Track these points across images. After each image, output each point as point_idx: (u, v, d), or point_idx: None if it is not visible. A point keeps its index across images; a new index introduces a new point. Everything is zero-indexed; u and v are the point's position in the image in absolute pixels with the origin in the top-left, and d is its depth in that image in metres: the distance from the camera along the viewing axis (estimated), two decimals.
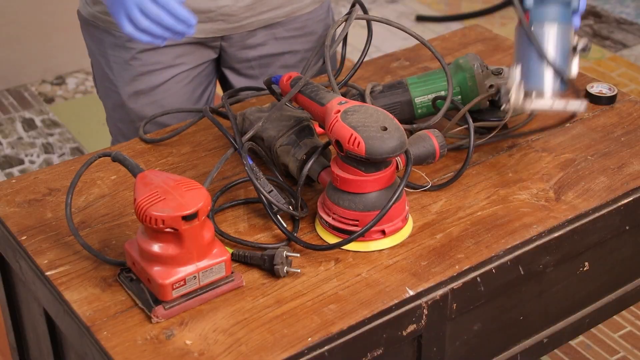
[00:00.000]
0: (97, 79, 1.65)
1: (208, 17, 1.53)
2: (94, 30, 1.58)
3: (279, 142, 1.30)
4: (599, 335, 2.21)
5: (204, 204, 1.06)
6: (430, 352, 1.19)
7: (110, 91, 1.61)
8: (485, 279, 1.19)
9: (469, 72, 1.39)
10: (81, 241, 1.18)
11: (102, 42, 1.58)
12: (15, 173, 2.87)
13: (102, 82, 1.63)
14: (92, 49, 1.63)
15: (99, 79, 1.64)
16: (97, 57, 1.61)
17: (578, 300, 1.38)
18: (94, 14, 1.56)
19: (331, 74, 1.31)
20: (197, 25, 1.51)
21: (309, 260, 1.18)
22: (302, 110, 1.34)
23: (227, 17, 1.54)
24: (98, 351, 1.06)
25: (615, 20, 3.79)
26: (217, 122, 1.34)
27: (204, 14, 1.52)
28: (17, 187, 1.33)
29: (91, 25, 1.59)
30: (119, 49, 1.56)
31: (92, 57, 1.64)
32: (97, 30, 1.58)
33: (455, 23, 3.76)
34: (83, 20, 1.61)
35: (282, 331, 1.07)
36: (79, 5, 1.61)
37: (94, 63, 1.64)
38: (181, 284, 1.08)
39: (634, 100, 1.53)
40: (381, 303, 1.11)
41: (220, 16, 1.53)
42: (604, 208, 1.29)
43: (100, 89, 1.65)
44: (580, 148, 1.41)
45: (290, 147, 1.29)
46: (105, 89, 1.62)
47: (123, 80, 1.58)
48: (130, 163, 1.14)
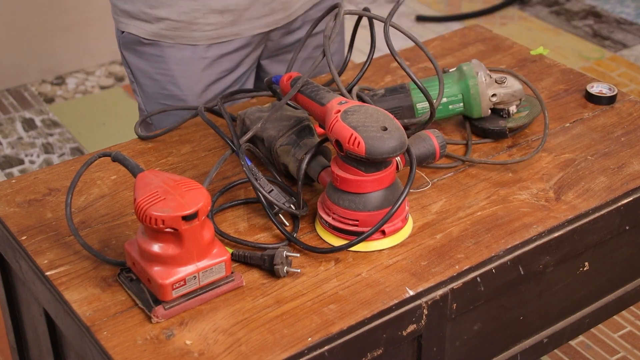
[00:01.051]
0: (151, 100, 1.59)
1: (271, 8, 1.54)
2: (152, 49, 1.54)
3: (279, 142, 1.30)
4: (599, 335, 2.21)
5: (204, 204, 1.06)
6: (430, 352, 1.19)
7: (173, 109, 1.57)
8: (485, 279, 1.19)
9: (472, 80, 1.39)
10: (81, 241, 1.18)
11: (164, 59, 1.54)
12: (15, 173, 2.87)
13: (159, 101, 1.58)
14: (145, 70, 1.57)
15: (153, 100, 1.58)
16: (155, 77, 1.56)
17: (578, 300, 1.38)
18: (156, 32, 1.52)
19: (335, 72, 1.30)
20: (261, 20, 1.54)
21: (308, 260, 1.18)
22: (302, 110, 1.34)
23: (285, 6, 1.56)
24: (98, 351, 1.06)
25: (615, 20, 3.79)
26: (212, 123, 1.34)
27: (267, 6, 1.53)
28: (17, 187, 1.33)
29: (147, 45, 1.54)
30: (189, 61, 1.54)
31: (144, 78, 1.58)
32: (156, 49, 1.54)
33: (455, 23, 3.76)
34: (133, 42, 1.55)
35: (282, 331, 1.07)
36: (126, 27, 1.54)
37: (145, 84, 1.58)
38: (181, 284, 1.08)
39: (634, 100, 1.53)
40: (381, 303, 1.11)
41: (280, 5, 1.55)
42: (604, 208, 1.29)
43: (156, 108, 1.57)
44: (580, 148, 1.41)
45: (290, 147, 1.29)
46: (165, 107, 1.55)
47: (194, 93, 1.56)
48: (130, 163, 1.14)
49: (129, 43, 1.56)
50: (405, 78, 1.59)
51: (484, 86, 1.39)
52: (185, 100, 1.56)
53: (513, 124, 1.41)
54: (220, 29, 1.52)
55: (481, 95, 1.39)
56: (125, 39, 1.56)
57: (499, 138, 1.42)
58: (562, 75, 1.60)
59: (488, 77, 1.39)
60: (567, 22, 3.77)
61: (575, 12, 3.86)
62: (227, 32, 1.53)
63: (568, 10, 3.87)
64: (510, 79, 1.40)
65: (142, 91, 1.60)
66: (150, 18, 1.51)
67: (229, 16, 1.51)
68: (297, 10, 1.60)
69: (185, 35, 1.52)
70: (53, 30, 3.32)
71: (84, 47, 3.38)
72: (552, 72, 1.62)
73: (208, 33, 1.52)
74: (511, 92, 1.40)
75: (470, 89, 1.39)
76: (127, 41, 1.56)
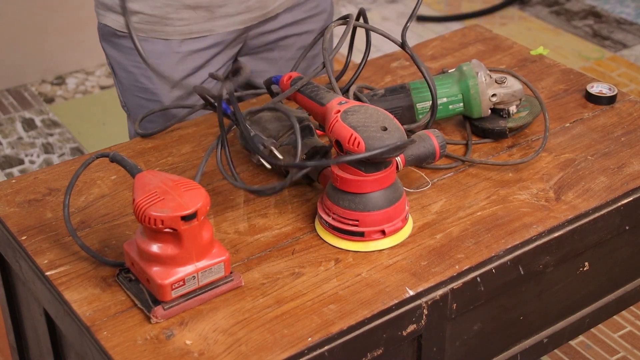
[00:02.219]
0: (126, 92, 1.62)
1: (247, 6, 1.54)
2: (126, 41, 1.56)
3: (279, 141, 1.30)
4: (599, 335, 2.21)
5: (202, 204, 1.06)
6: (430, 352, 1.19)
7: (147, 101, 1.60)
8: (485, 279, 1.19)
9: (472, 80, 1.39)
10: (79, 242, 1.18)
11: None
12: (15, 173, 2.87)
13: (134, 93, 1.61)
14: (121, 62, 1.60)
15: (128, 92, 1.62)
16: (129, 69, 1.59)
17: (578, 300, 1.38)
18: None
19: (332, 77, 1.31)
20: (236, 17, 1.55)
21: (308, 260, 1.18)
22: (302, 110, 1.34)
23: (261, 4, 1.56)
24: (98, 351, 1.06)
25: (615, 20, 3.79)
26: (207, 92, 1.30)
27: (243, 4, 1.53)
28: (17, 187, 1.33)
29: (122, 37, 1.57)
30: (161, 56, 1.55)
31: (120, 70, 1.61)
32: (130, 42, 1.54)
33: (455, 23, 3.76)
34: (110, 34, 1.58)
35: (282, 331, 1.07)
36: (104, 19, 1.58)
37: (122, 76, 1.61)
38: (180, 284, 1.08)
39: (634, 100, 1.53)
40: (381, 303, 1.11)
41: (257, 3, 1.55)
42: (604, 208, 1.29)
43: (131, 101, 1.63)
44: (580, 148, 1.41)
45: (290, 147, 1.29)
46: (140, 99, 1.61)
47: (166, 88, 1.57)
48: (128, 163, 1.14)
49: (106, 35, 1.59)
50: (405, 78, 1.59)
51: (484, 86, 1.39)
52: (156, 94, 1.58)
53: (513, 124, 1.41)
54: (193, 24, 1.54)
55: (481, 95, 1.39)
56: (102, 30, 1.60)
57: (499, 138, 1.42)
58: (562, 75, 1.60)
59: (488, 77, 1.39)
60: (567, 22, 3.77)
61: (575, 12, 3.86)
62: (200, 28, 1.54)
63: (568, 10, 3.87)
64: (510, 79, 1.40)
65: (119, 83, 1.63)
66: None
67: (202, 12, 1.53)
68: (275, 8, 1.60)
69: (158, 30, 1.53)
70: (53, 30, 3.32)
71: (84, 47, 3.38)
72: (552, 72, 1.62)
73: (181, 28, 1.53)
74: (511, 92, 1.39)
75: (470, 89, 1.39)
76: (105, 33, 1.59)
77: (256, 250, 1.20)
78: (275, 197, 1.30)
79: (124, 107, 1.65)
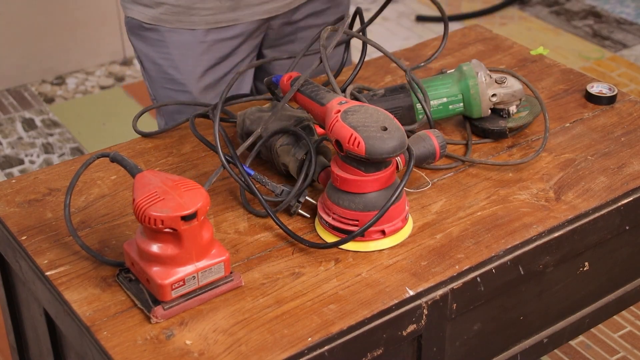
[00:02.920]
0: (155, 84, 1.64)
1: None
2: (153, 33, 1.58)
3: (280, 141, 1.30)
4: (599, 335, 2.21)
5: (202, 204, 1.06)
6: (430, 352, 1.19)
7: (175, 92, 1.61)
8: (485, 279, 1.19)
9: (472, 80, 1.39)
10: (80, 242, 1.18)
11: (165, 44, 1.58)
12: (15, 173, 2.87)
13: (163, 85, 1.62)
14: (149, 54, 1.62)
15: (157, 84, 1.63)
16: (157, 61, 1.61)
17: (578, 300, 1.38)
18: (156, 16, 1.56)
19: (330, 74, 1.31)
20: (260, 7, 1.56)
21: (308, 261, 1.18)
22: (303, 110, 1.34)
23: None
24: (98, 351, 1.06)
25: (615, 20, 3.79)
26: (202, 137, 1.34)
27: None
28: (17, 187, 1.33)
29: (149, 30, 1.58)
30: (188, 46, 1.57)
31: (148, 62, 1.63)
32: (157, 34, 1.58)
33: (455, 23, 3.76)
34: (137, 27, 1.60)
35: (282, 331, 1.07)
36: (130, 12, 1.59)
37: (150, 68, 1.63)
38: (180, 284, 1.08)
39: (634, 100, 1.53)
40: (381, 303, 1.11)
41: None
42: (604, 208, 1.29)
43: (160, 93, 1.64)
44: (580, 148, 1.40)
45: (290, 146, 1.29)
46: (168, 91, 1.62)
47: (193, 77, 1.59)
48: (128, 163, 1.14)
49: (133, 28, 1.61)
50: (405, 78, 1.59)
51: (484, 86, 1.39)
52: (184, 84, 1.59)
53: (513, 124, 1.41)
54: (218, 14, 1.55)
55: (481, 95, 1.39)
56: (130, 24, 1.61)
57: (499, 138, 1.42)
58: (562, 75, 1.60)
59: (488, 77, 1.39)
60: (567, 22, 3.77)
61: (575, 12, 3.86)
62: (226, 18, 1.56)
63: (568, 10, 3.87)
64: (510, 79, 1.40)
65: (148, 75, 1.64)
66: (151, 2, 1.55)
67: (227, 1, 1.54)
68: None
69: (183, 20, 1.55)
70: (53, 30, 3.32)
71: (84, 47, 3.38)
72: (552, 72, 1.62)
73: (206, 18, 1.55)
74: (511, 92, 1.39)
75: (470, 89, 1.39)
76: (132, 26, 1.61)
77: (256, 250, 1.20)
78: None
79: (154, 100, 1.67)
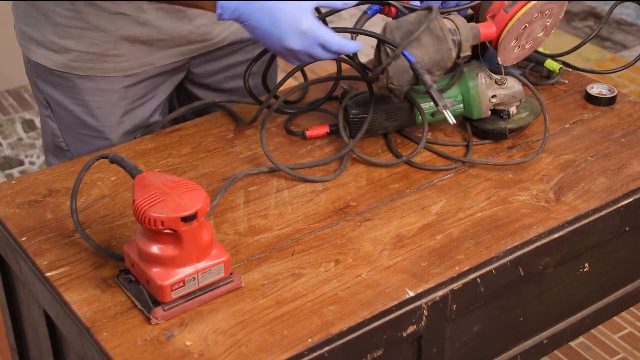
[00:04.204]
0: (65, 128, 1.52)
1: (188, 40, 1.49)
2: (62, 80, 1.47)
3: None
4: (599, 336, 2.21)
5: (202, 205, 1.06)
6: (430, 353, 1.19)
7: (90, 138, 1.52)
8: (485, 280, 1.19)
9: (472, 82, 1.39)
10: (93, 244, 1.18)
11: (77, 90, 1.47)
12: (15, 174, 2.87)
13: (76, 130, 1.51)
14: (59, 100, 1.50)
15: (68, 128, 1.52)
16: (69, 107, 1.49)
17: (578, 301, 1.38)
18: (65, 63, 1.45)
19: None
20: (175, 50, 1.49)
21: (308, 261, 1.18)
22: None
23: (203, 37, 1.51)
24: (98, 352, 1.06)
25: (615, 22, 3.79)
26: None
27: (183, 38, 1.48)
28: (17, 188, 1.33)
29: (58, 76, 1.47)
30: (104, 93, 1.48)
31: (58, 107, 1.50)
32: (66, 80, 1.47)
33: None
34: (46, 72, 1.48)
35: (282, 332, 1.07)
36: (34, 56, 1.48)
37: (61, 113, 1.51)
38: (180, 285, 1.08)
39: (634, 102, 1.53)
40: (381, 304, 1.11)
41: (199, 36, 1.50)
42: (604, 209, 1.29)
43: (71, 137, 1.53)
44: (580, 149, 1.41)
45: None
46: (82, 136, 1.51)
47: (111, 124, 1.50)
48: (128, 164, 1.14)
49: (40, 73, 1.50)
50: None
51: (484, 87, 1.39)
52: (101, 131, 1.50)
53: (513, 125, 1.41)
54: (132, 60, 1.47)
55: (481, 96, 1.39)
56: (35, 68, 1.50)
57: (499, 139, 1.42)
58: (562, 76, 1.60)
59: (488, 78, 1.39)
60: (567, 23, 3.77)
61: (575, 13, 3.86)
62: (140, 63, 1.48)
63: (568, 11, 3.87)
64: (510, 80, 1.40)
65: (57, 119, 1.53)
66: (58, 48, 1.45)
67: (140, 45, 1.46)
68: (219, 41, 1.54)
69: (96, 67, 1.46)
70: None
71: None
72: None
73: (120, 65, 1.46)
74: (511, 93, 1.40)
75: (470, 90, 1.39)
76: (38, 71, 1.50)
77: (256, 251, 1.20)
78: (275, 198, 1.30)
79: (62, 142, 1.54)
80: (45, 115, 1.54)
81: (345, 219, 1.26)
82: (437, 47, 1.28)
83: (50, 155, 1.59)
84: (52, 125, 1.54)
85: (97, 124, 1.50)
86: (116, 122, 1.50)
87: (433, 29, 1.28)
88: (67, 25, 1.42)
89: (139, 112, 1.52)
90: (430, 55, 1.28)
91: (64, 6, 1.41)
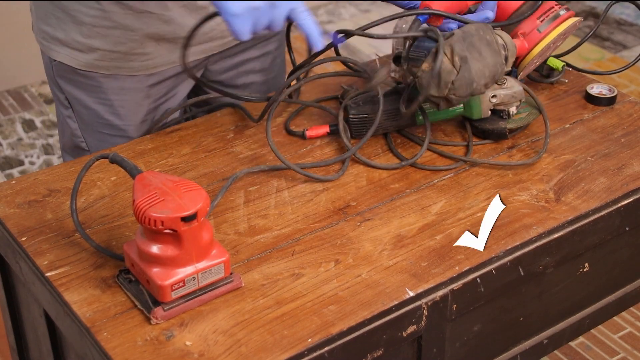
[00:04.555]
0: (87, 128, 1.52)
1: (209, 36, 1.50)
2: (86, 79, 1.47)
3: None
4: (599, 336, 2.21)
5: (202, 205, 1.06)
6: (430, 353, 1.19)
7: (111, 137, 1.52)
8: (485, 280, 1.19)
9: None
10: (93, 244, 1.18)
11: (102, 89, 1.48)
12: (15, 174, 2.87)
13: (98, 129, 1.52)
14: (82, 99, 1.50)
15: (91, 128, 1.52)
16: (92, 106, 1.49)
17: (578, 301, 1.38)
18: (90, 62, 1.45)
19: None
20: (198, 47, 1.50)
21: (308, 261, 1.18)
22: None
23: (223, 34, 1.51)
24: (98, 352, 1.06)
25: (615, 22, 3.79)
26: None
27: (205, 35, 1.49)
28: (17, 188, 1.33)
29: (82, 75, 1.47)
30: (128, 92, 1.49)
31: (80, 107, 1.51)
32: (90, 80, 1.47)
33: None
34: (69, 72, 1.48)
35: (282, 332, 1.07)
36: (57, 55, 1.47)
37: (82, 113, 1.51)
38: (180, 285, 1.08)
39: (634, 102, 1.53)
40: (381, 304, 1.11)
41: (219, 33, 1.51)
42: (604, 209, 1.29)
43: (92, 137, 1.53)
44: (580, 149, 1.41)
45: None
46: (103, 135, 1.52)
47: (134, 122, 1.51)
48: (128, 164, 1.14)
49: (62, 72, 1.49)
50: None
51: None
52: (125, 130, 1.51)
53: (513, 125, 1.41)
54: (157, 57, 1.47)
55: (481, 96, 1.39)
56: (57, 68, 1.49)
57: (499, 139, 1.42)
58: (562, 76, 1.60)
59: None
60: None
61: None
62: (165, 61, 1.48)
63: None
64: (510, 80, 1.40)
65: (79, 119, 1.52)
66: (83, 47, 1.44)
67: (165, 44, 1.46)
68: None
69: (122, 66, 1.46)
70: None
71: None
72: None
73: (146, 63, 1.47)
74: (511, 94, 1.40)
75: None
76: (60, 70, 1.49)
77: (256, 251, 1.20)
78: (275, 198, 1.30)
79: (82, 142, 1.54)
80: (65, 116, 1.54)
81: (345, 219, 1.26)
82: (495, 60, 1.29)
83: (68, 155, 1.59)
84: (73, 126, 1.53)
85: (120, 123, 1.51)
86: (139, 120, 1.52)
87: (490, 43, 1.29)
88: (93, 25, 1.42)
89: (160, 110, 1.54)
90: (489, 69, 1.29)
91: (90, 5, 1.41)
